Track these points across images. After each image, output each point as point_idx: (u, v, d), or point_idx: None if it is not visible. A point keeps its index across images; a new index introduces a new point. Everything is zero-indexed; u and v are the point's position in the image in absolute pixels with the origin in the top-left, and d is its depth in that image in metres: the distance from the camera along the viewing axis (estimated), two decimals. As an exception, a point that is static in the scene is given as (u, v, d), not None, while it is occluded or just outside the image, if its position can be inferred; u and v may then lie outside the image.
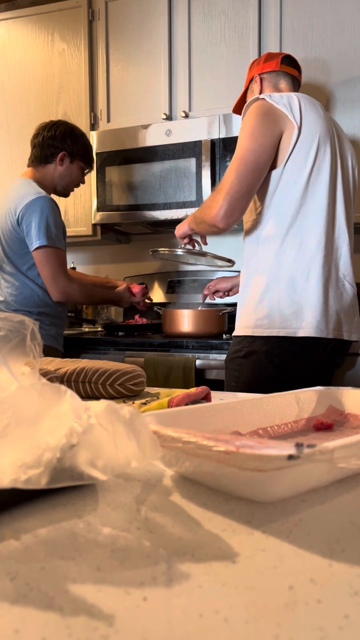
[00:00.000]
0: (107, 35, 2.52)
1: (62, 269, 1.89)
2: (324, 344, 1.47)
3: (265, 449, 0.40)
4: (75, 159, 2.02)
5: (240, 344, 1.52)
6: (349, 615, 0.29)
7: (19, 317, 0.49)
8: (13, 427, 0.42)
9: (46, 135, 1.98)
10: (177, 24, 2.40)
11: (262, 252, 1.50)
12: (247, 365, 1.49)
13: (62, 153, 1.98)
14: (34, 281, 1.90)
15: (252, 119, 1.44)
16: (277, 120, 1.43)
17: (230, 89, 2.32)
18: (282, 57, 1.63)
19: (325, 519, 0.42)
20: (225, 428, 0.62)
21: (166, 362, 1.98)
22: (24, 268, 1.90)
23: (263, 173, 1.44)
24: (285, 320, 1.44)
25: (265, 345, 1.46)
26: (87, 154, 2.06)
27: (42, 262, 1.86)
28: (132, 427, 0.43)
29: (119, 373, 0.93)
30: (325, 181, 1.47)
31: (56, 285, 1.88)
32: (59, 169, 2.00)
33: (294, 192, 1.45)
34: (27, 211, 1.83)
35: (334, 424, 0.69)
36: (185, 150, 2.30)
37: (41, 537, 0.39)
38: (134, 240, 2.91)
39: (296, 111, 1.44)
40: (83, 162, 2.05)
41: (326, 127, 1.49)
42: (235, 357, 1.53)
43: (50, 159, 1.99)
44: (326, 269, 1.47)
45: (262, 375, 1.47)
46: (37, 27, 2.64)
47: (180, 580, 0.33)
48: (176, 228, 1.69)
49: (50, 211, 1.85)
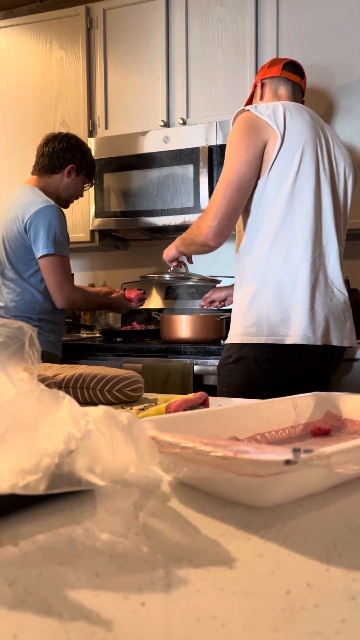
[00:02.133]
0: (105, 43, 2.53)
1: (67, 277, 1.91)
2: (313, 350, 1.48)
3: (262, 455, 0.40)
4: (80, 173, 2.05)
5: (231, 350, 1.54)
6: (345, 619, 0.29)
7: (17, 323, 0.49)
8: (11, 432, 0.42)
9: (57, 146, 2.00)
10: (175, 31, 2.41)
11: (250, 260, 1.53)
12: (237, 371, 1.50)
13: (71, 166, 2.01)
14: (36, 287, 1.91)
15: (236, 132, 1.48)
16: (260, 131, 1.46)
17: (227, 96, 2.33)
18: (285, 63, 1.64)
19: (323, 524, 0.42)
20: (223, 433, 0.62)
21: (164, 368, 1.98)
22: (26, 275, 1.91)
23: (248, 189, 1.47)
24: (272, 327, 1.46)
25: (254, 351, 1.48)
26: (92, 170, 2.11)
27: (49, 269, 1.88)
28: (130, 432, 0.43)
29: (117, 379, 0.93)
30: (310, 188, 1.48)
31: (62, 293, 1.89)
32: (65, 181, 2.02)
33: (279, 200, 1.47)
34: (35, 219, 1.85)
35: (331, 430, 0.69)
36: (182, 157, 2.31)
37: (39, 543, 0.39)
38: (132, 246, 2.92)
39: (280, 120, 1.46)
40: (86, 177, 2.10)
41: (312, 134, 1.49)
42: (225, 363, 1.55)
43: (58, 169, 2.01)
44: (313, 276, 1.47)
45: (252, 381, 1.48)
46: (35, 35, 2.65)
47: (178, 585, 0.33)
48: (164, 252, 1.76)
49: (58, 220, 1.88)
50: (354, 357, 1.82)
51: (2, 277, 1.96)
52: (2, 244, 1.95)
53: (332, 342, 1.50)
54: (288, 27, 2.22)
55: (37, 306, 1.92)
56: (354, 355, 1.81)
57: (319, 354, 1.50)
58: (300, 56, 2.21)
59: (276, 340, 1.45)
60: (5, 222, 1.94)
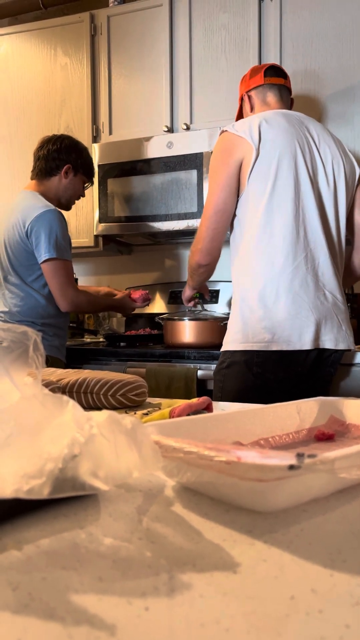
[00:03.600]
0: (109, 49, 2.55)
1: (70, 281, 1.92)
2: (303, 354, 1.48)
3: (266, 459, 0.40)
4: (78, 172, 2.05)
5: (224, 356, 1.57)
6: (350, 625, 0.29)
7: (21, 328, 0.49)
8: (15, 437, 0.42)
9: (51, 148, 2.01)
10: (178, 38, 2.42)
11: (237, 270, 1.57)
12: (230, 376, 1.53)
13: (67, 166, 2.01)
14: (39, 292, 1.92)
15: (214, 156, 1.55)
16: (235, 150, 1.49)
17: (230, 102, 2.34)
18: (266, 70, 1.65)
19: (327, 529, 0.42)
20: (226, 438, 0.62)
21: (168, 373, 1.98)
22: (29, 279, 1.92)
23: (228, 211, 1.53)
24: (257, 334, 1.48)
25: (245, 356, 1.50)
26: (89, 168, 2.10)
27: (51, 274, 1.88)
28: (133, 437, 0.43)
29: (121, 383, 0.93)
30: (289, 195, 1.49)
31: (65, 297, 1.90)
32: (63, 182, 2.03)
33: (257, 211, 1.49)
34: (36, 224, 1.86)
35: (335, 434, 0.69)
36: (186, 162, 2.31)
37: (43, 548, 0.39)
38: (136, 251, 2.92)
39: (255, 134, 1.48)
40: (85, 175, 2.09)
41: (290, 140, 1.50)
42: (220, 368, 1.57)
43: (55, 171, 2.01)
44: (298, 281, 1.47)
45: (244, 385, 1.49)
46: (40, 42, 2.67)
47: (182, 590, 0.33)
48: (182, 297, 1.89)
49: (59, 224, 1.88)
50: (352, 361, 1.80)
51: (5, 282, 1.96)
52: (4, 249, 1.95)
53: (324, 345, 1.49)
54: (291, 33, 2.23)
55: (41, 310, 1.93)
56: (352, 360, 1.80)
57: (311, 357, 1.50)
58: (304, 61, 2.22)
59: (262, 347, 1.47)
60: (7, 227, 1.95)
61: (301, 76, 2.23)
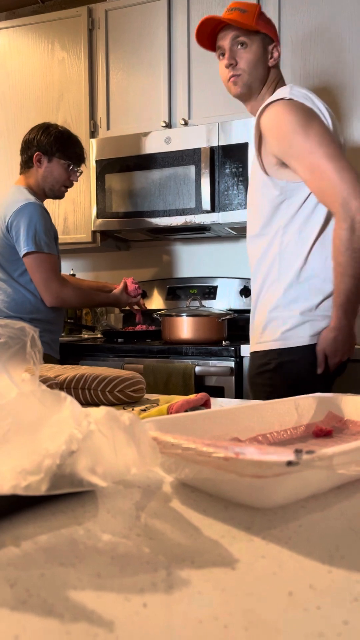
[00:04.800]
0: (107, 43, 2.53)
1: (54, 274, 1.88)
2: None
3: (264, 456, 0.40)
4: (52, 157, 1.95)
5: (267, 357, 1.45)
6: (348, 621, 0.29)
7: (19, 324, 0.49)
8: (13, 433, 0.42)
9: (24, 139, 1.98)
10: (177, 32, 2.41)
11: (291, 260, 1.42)
12: (282, 377, 1.42)
13: (37, 154, 1.94)
14: (26, 287, 1.90)
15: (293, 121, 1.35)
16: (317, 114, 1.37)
17: (229, 97, 2.32)
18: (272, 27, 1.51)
19: (325, 526, 0.42)
20: (224, 434, 0.62)
21: (166, 369, 1.98)
22: (15, 274, 1.90)
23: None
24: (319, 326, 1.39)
25: (299, 353, 1.40)
26: (65, 149, 1.96)
27: (33, 268, 1.86)
28: (131, 433, 0.43)
29: (119, 380, 0.93)
30: None
31: (49, 291, 1.87)
32: (40, 171, 1.97)
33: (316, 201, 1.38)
34: (15, 218, 1.84)
35: (333, 431, 0.69)
36: (184, 158, 2.31)
37: (41, 544, 0.39)
38: (134, 247, 2.92)
39: (326, 114, 1.40)
40: (62, 158, 1.96)
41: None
42: (263, 370, 1.45)
43: (30, 162, 1.97)
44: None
45: (302, 380, 1.41)
46: (37, 36, 2.66)
47: (180, 586, 0.33)
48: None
49: (39, 217, 1.85)
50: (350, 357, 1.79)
51: None
52: None
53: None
54: (290, 28, 2.22)
55: (29, 306, 1.91)
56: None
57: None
58: (302, 57, 2.21)
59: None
60: None
61: (300, 71, 2.22)
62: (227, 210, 2.24)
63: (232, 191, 2.23)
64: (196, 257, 2.78)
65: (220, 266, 2.73)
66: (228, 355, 1.97)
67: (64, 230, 2.60)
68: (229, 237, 2.67)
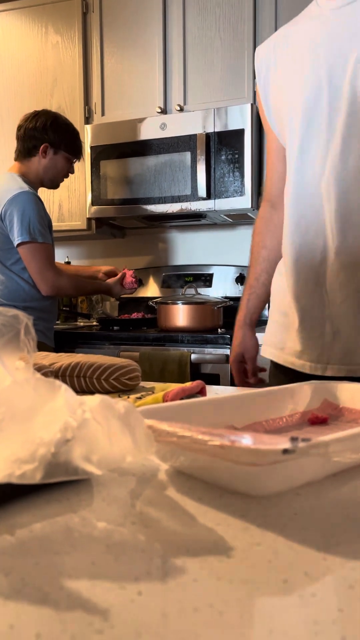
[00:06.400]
0: (101, 28, 2.50)
1: (49, 263, 1.87)
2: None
3: (260, 444, 0.40)
4: (59, 149, 1.96)
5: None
6: (343, 608, 0.29)
7: (12, 311, 0.48)
8: (7, 422, 0.42)
9: (28, 126, 1.94)
10: (172, 16, 2.38)
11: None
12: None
13: (44, 145, 1.93)
14: (20, 276, 1.89)
15: None
16: None
17: (225, 82, 2.31)
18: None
19: (320, 513, 0.42)
20: (220, 422, 0.62)
21: (161, 357, 1.98)
22: (8, 263, 1.89)
23: None
24: None
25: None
26: (72, 143, 1.98)
27: (28, 257, 1.85)
28: (127, 421, 0.43)
29: (114, 367, 0.93)
30: None
31: (44, 280, 1.87)
32: (42, 162, 1.96)
33: None
34: (9, 207, 1.82)
35: (328, 418, 0.69)
36: (180, 144, 2.29)
37: (36, 532, 0.38)
38: (129, 234, 2.90)
39: None
40: (68, 152, 1.98)
41: None
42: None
43: (34, 151, 1.94)
44: None
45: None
46: (30, 20, 2.62)
47: (175, 574, 0.33)
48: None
49: (33, 206, 1.83)
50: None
51: None
52: None
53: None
54: (286, 12, 2.19)
55: (23, 294, 1.90)
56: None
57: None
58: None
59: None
60: None
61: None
62: (223, 197, 2.23)
63: (228, 178, 2.22)
64: (192, 244, 2.77)
65: (216, 254, 2.72)
66: (224, 342, 1.97)
67: (58, 218, 2.58)
68: (225, 224, 2.65)
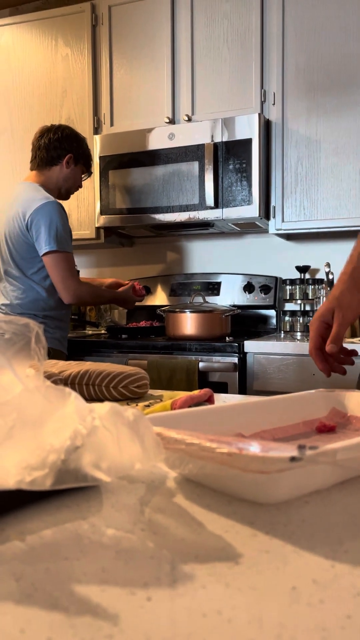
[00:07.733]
0: (110, 40, 2.53)
1: (72, 272, 1.91)
2: None
3: (268, 451, 0.40)
4: (79, 162, 2.05)
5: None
6: (351, 615, 0.29)
7: (23, 320, 0.49)
8: (18, 429, 0.42)
9: (53, 137, 2.00)
10: (180, 28, 2.40)
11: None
12: None
13: (69, 155, 2.01)
14: (40, 285, 1.92)
15: None
16: None
17: (232, 93, 2.32)
18: None
19: (328, 521, 0.42)
20: (228, 430, 0.62)
21: (169, 365, 1.98)
22: (30, 272, 1.92)
23: None
24: None
25: None
26: (88, 159, 2.11)
27: (53, 266, 1.88)
28: (135, 429, 0.43)
29: (123, 375, 0.93)
30: None
31: (67, 289, 1.89)
32: (64, 171, 2.02)
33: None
34: (36, 216, 1.85)
35: (336, 426, 0.69)
36: (188, 154, 2.30)
37: (46, 539, 0.39)
38: (137, 243, 2.92)
39: None
40: (84, 166, 2.09)
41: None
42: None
43: (57, 160, 2.01)
44: None
45: None
46: (40, 32, 2.65)
47: (184, 580, 0.33)
48: None
49: (59, 216, 1.88)
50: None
51: (6, 275, 1.96)
52: (5, 242, 1.95)
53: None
54: (294, 22, 2.21)
55: (42, 303, 1.93)
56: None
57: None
58: (307, 51, 2.20)
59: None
60: (7, 219, 1.95)
61: (304, 66, 2.21)
62: (231, 206, 2.24)
63: (235, 187, 2.23)
64: (200, 253, 2.78)
65: (224, 262, 2.72)
66: (232, 351, 1.97)
67: (67, 227, 2.60)
68: (233, 233, 2.66)
